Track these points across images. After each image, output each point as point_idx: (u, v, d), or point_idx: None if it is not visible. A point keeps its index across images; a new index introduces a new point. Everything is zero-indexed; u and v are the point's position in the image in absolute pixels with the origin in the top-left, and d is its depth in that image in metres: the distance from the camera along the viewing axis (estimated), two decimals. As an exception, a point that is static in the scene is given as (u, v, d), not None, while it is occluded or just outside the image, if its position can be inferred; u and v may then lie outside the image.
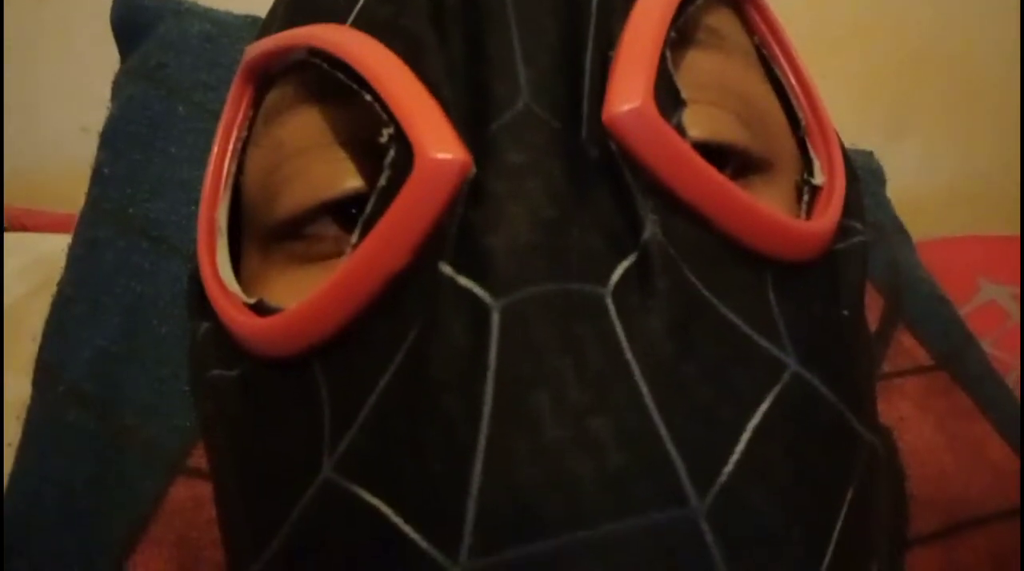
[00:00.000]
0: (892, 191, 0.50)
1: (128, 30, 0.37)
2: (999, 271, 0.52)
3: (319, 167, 0.21)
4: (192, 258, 0.24)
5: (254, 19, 0.37)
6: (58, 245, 0.33)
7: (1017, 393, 0.34)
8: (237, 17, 0.37)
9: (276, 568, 0.19)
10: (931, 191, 0.58)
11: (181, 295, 0.30)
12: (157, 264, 0.31)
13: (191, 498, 0.28)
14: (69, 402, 0.29)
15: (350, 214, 0.20)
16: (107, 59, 0.37)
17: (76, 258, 0.32)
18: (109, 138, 0.34)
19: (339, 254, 0.20)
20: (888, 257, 0.36)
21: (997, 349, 0.46)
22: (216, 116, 0.24)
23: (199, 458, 0.28)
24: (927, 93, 0.59)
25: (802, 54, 0.24)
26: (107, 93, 0.36)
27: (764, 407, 0.17)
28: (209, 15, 0.37)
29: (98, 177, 0.33)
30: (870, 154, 0.44)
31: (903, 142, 0.57)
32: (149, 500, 0.28)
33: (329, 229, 0.21)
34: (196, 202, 0.24)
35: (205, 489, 0.27)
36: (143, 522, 0.27)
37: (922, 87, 0.59)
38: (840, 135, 0.25)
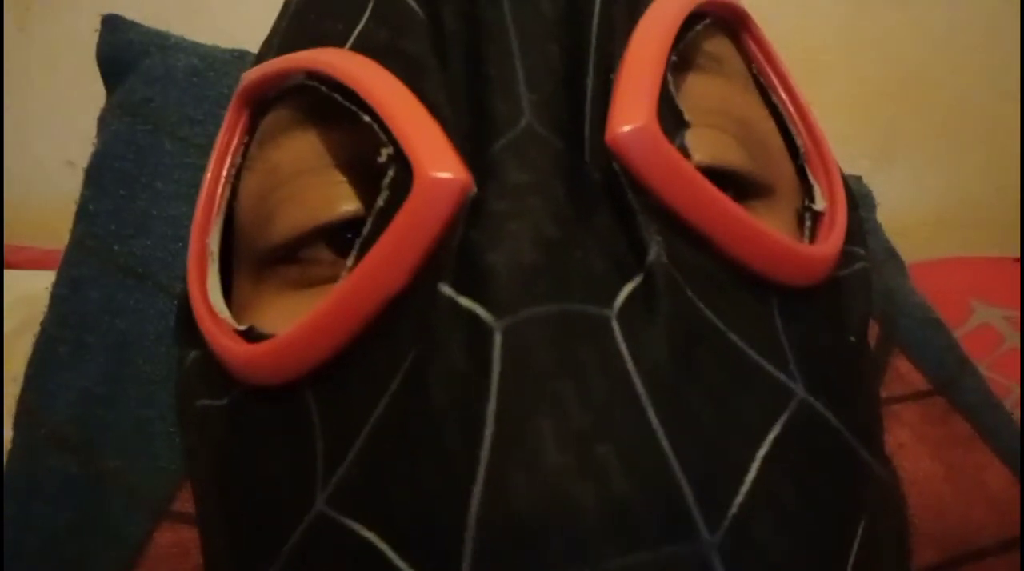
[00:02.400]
0: (881, 216, 0.50)
1: (114, 65, 0.36)
2: (991, 293, 0.52)
3: (315, 190, 0.20)
4: (182, 284, 0.23)
5: (241, 53, 0.37)
6: (42, 282, 0.32)
7: (1015, 414, 0.34)
8: (224, 51, 0.37)
9: None
10: (920, 215, 0.59)
11: (167, 334, 0.29)
12: (142, 302, 0.31)
13: (176, 544, 0.27)
14: (50, 446, 0.28)
15: (345, 239, 0.20)
16: (93, 93, 0.37)
17: (60, 298, 0.32)
18: (94, 174, 0.33)
19: (334, 279, 0.19)
20: (881, 283, 0.36)
21: (993, 372, 0.45)
22: (203, 151, 0.24)
23: (184, 502, 0.27)
24: (915, 118, 0.60)
25: (796, 79, 0.24)
26: (93, 127, 0.35)
27: (773, 435, 0.17)
28: (195, 49, 0.37)
29: (83, 214, 0.33)
30: (858, 179, 0.44)
31: (892, 167, 0.57)
32: (134, 546, 0.27)
33: (324, 253, 0.20)
34: (183, 239, 0.24)
35: (191, 534, 0.26)
36: (128, 567, 0.27)
37: (910, 112, 0.60)
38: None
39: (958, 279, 0.53)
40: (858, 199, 0.43)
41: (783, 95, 0.24)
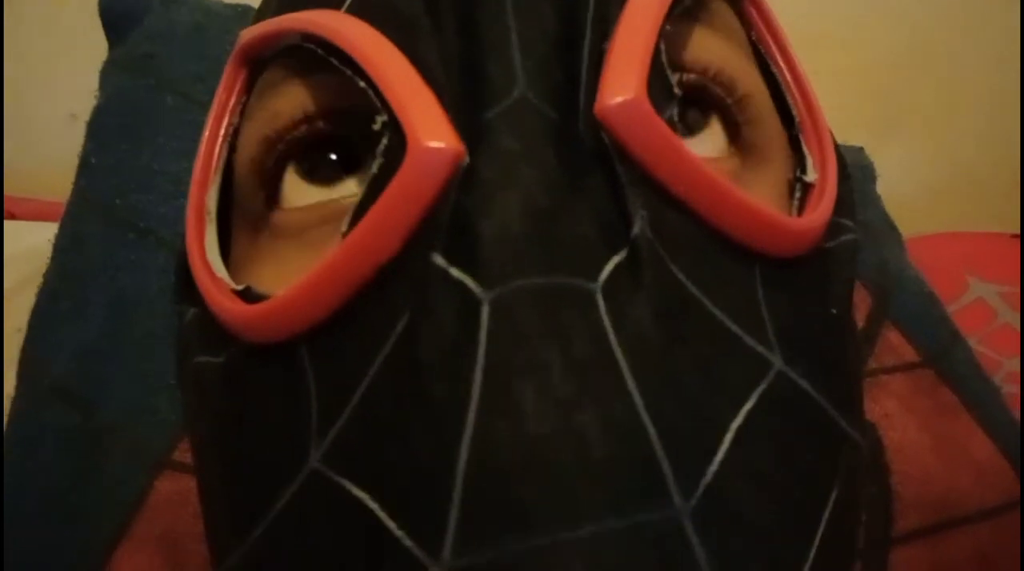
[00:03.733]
0: (879, 189, 0.50)
1: (116, 19, 0.36)
2: (987, 268, 0.52)
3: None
4: (182, 240, 0.24)
5: (244, 9, 0.36)
6: (45, 235, 0.33)
7: (1004, 388, 0.34)
8: (227, 7, 0.37)
9: (258, 556, 0.18)
10: (917, 190, 0.59)
11: (168, 289, 0.30)
12: (144, 257, 0.31)
13: (176, 492, 0.27)
14: (53, 398, 0.29)
15: (319, 163, 0.20)
16: (96, 47, 0.37)
17: (61, 250, 0.32)
18: (96, 129, 0.33)
19: (325, 221, 0.20)
20: (877, 255, 0.36)
21: (984, 346, 0.46)
22: (205, 107, 0.24)
23: (184, 452, 0.28)
24: (914, 93, 0.60)
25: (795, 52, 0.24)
26: (95, 80, 0.35)
27: (749, 405, 0.17)
28: (199, 5, 0.37)
29: (85, 168, 0.33)
30: (860, 150, 0.44)
31: (890, 141, 0.57)
32: (134, 496, 0.27)
33: (310, 195, 0.21)
34: (184, 194, 0.24)
35: (191, 483, 0.27)
36: (128, 518, 0.27)
37: (909, 87, 0.59)
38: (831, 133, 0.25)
39: (954, 254, 0.53)
40: (859, 171, 0.44)
41: (782, 64, 0.24)
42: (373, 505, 0.16)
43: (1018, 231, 0.55)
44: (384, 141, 0.18)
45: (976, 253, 0.54)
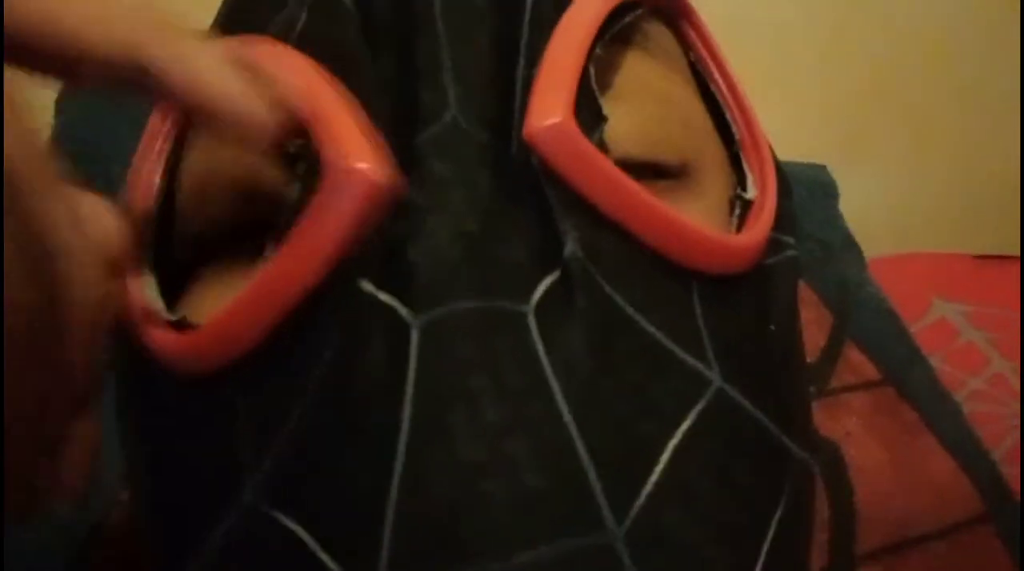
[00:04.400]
0: (845, 211, 0.50)
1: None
2: (950, 288, 0.52)
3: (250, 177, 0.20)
4: None
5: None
6: None
7: (965, 407, 0.34)
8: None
9: None
10: (884, 212, 0.59)
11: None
12: None
13: (129, 518, 0.27)
14: None
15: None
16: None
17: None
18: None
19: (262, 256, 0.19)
20: (838, 274, 0.36)
21: (948, 365, 0.46)
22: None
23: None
24: (882, 116, 0.61)
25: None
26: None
27: (685, 425, 0.17)
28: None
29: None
30: (823, 168, 0.45)
31: (857, 163, 0.57)
32: (92, 529, 0.27)
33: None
34: None
35: None
36: (86, 551, 0.27)
37: (878, 111, 0.60)
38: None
39: (918, 274, 0.53)
40: (820, 188, 0.44)
41: (720, 83, 0.24)
42: (306, 537, 0.16)
43: (980, 253, 0.56)
44: (303, 165, 0.18)
45: (939, 273, 0.54)
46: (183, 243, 0.22)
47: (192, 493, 0.19)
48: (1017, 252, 0.54)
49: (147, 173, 0.23)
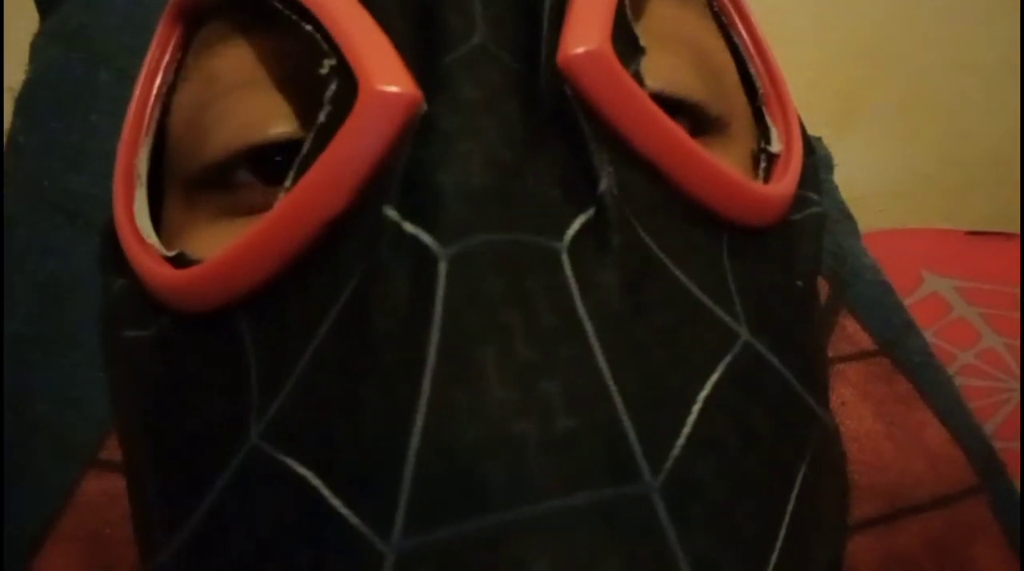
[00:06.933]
0: (837, 183, 0.50)
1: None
2: (942, 264, 0.52)
3: (250, 107, 0.19)
4: (108, 212, 0.22)
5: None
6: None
7: (958, 380, 0.34)
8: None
9: (196, 547, 0.17)
10: (875, 186, 0.59)
11: (98, 274, 0.28)
12: (73, 241, 0.29)
13: (103, 492, 0.26)
14: None
15: (275, 165, 0.19)
16: (34, 15, 0.35)
17: (-12, 232, 0.30)
18: (25, 105, 0.32)
19: (267, 207, 0.18)
20: (834, 243, 0.36)
21: (939, 339, 0.46)
22: None
23: (112, 450, 0.26)
24: (875, 90, 0.60)
25: None
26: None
27: (715, 376, 0.16)
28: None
29: (13, 146, 0.31)
30: (818, 140, 0.44)
31: (849, 137, 0.57)
32: (59, 494, 0.26)
33: (253, 181, 0.20)
34: None
35: (119, 483, 0.25)
36: (53, 517, 0.26)
37: (870, 84, 0.60)
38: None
39: (910, 249, 0.53)
40: (816, 160, 0.44)
41: (744, 34, 0.23)
42: (317, 482, 0.15)
43: (972, 228, 0.56)
44: (332, 87, 0.17)
45: (931, 248, 0.54)
46: (171, 179, 0.21)
47: (193, 437, 0.18)
48: (1008, 227, 0.54)
49: (141, 102, 0.22)
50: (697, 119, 0.20)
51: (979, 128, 0.59)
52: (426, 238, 0.15)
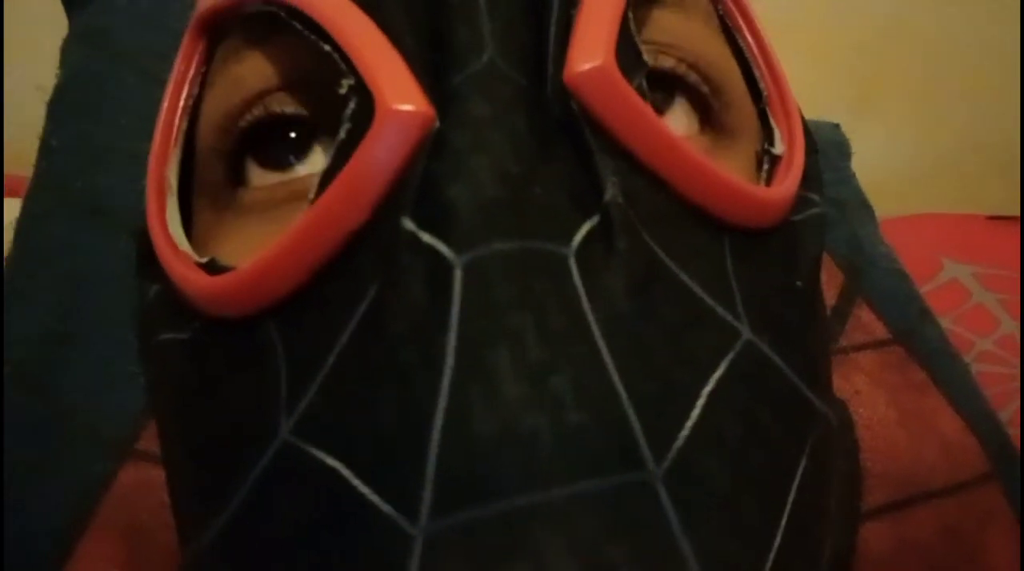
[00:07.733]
0: (855, 169, 0.50)
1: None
2: (961, 249, 0.52)
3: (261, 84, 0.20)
4: (141, 220, 0.23)
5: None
6: (10, 211, 0.32)
7: (974, 367, 0.34)
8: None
9: (232, 535, 0.18)
10: (894, 171, 0.59)
11: (128, 272, 0.29)
12: (102, 240, 0.30)
13: (141, 482, 0.27)
14: (12, 383, 0.28)
15: (279, 149, 0.20)
16: (63, 16, 0.36)
17: (21, 232, 0.31)
18: (55, 107, 0.33)
19: (281, 201, 0.20)
20: (849, 232, 0.36)
21: (958, 326, 0.46)
22: (166, 85, 0.24)
23: (148, 441, 0.27)
24: (893, 74, 0.60)
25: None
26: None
27: (718, 373, 0.17)
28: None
29: (44, 148, 0.32)
30: (836, 127, 0.44)
31: (867, 121, 0.57)
32: (96, 485, 0.27)
33: (271, 178, 0.20)
34: (145, 175, 0.24)
35: (155, 473, 0.26)
36: (91, 507, 0.27)
37: (888, 68, 0.60)
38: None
39: (929, 235, 0.53)
40: (834, 147, 0.44)
41: (748, 37, 0.23)
42: (347, 473, 0.16)
43: (991, 214, 0.56)
44: (351, 106, 0.18)
45: (950, 234, 0.54)
46: (200, 186, 0.22)
47: (226, 433, 0.19)
48: (1029, 213, 0.53)
49: (169, 114, 0.22)
50: (698, 104, 0.21)
51: (998, 113, 0.59)
52: (442, 247, 0.16)
